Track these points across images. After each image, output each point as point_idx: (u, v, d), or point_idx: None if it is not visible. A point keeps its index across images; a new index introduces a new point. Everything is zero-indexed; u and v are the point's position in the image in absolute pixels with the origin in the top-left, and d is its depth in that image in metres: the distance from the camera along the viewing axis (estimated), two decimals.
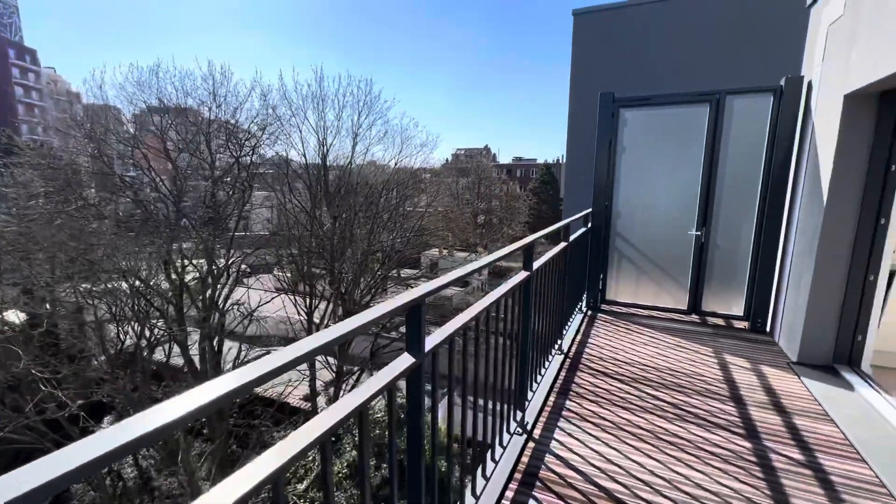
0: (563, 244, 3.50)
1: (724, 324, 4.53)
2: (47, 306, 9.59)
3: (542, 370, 3.21)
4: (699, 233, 4.44)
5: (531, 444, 2.53)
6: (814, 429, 2.71)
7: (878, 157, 3.13)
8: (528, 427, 2.64)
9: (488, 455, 2.24)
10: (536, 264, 2.68)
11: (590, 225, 4.74)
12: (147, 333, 10.01)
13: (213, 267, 11.10)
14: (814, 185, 3.57)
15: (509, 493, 2.14)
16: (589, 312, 4.89)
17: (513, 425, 2.56)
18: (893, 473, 2.28)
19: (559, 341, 3.76)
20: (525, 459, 2.40)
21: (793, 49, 4.15)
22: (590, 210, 4.80)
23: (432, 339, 1.46)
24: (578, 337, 4.19)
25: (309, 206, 14.08)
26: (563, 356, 3.70)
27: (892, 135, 3.07)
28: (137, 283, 9.73)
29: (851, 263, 3.32)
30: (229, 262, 11.65)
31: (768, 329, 4.28)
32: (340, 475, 7.87)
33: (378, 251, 14.32)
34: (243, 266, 12.97)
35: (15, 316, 9.38)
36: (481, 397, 2.09)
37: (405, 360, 1.31)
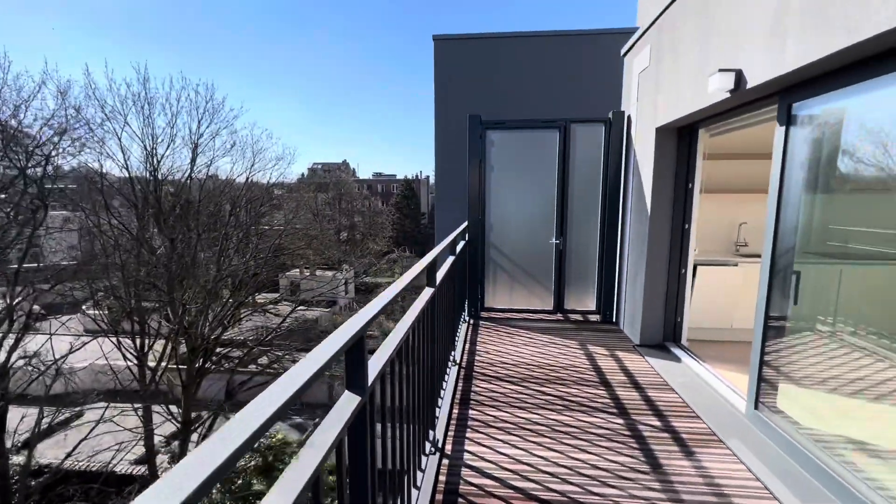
0: (451, 258, 3.61)
1: (582, 319, 5.24)
2: None
3: (444, 384, 3.23)
4: (558, 241, 5.08)
5: (446, 461, 2.51)
6: (662, 398, 3.30)
7: (681, 176, 4.04)
8: (440, 444, 2.61)
9: (410, 482, 2.13)
10: (438, 278, 2.69)
11: (467, 237, 4.99)
12: None
13: None
14: (639, 199, 4.42)
15: None
16: (471, 321, 5.13)
17: (427, 446, 2.50)
18: (718, 422, 2.91)
19: (453, 352, 3.84)
20: (443, 478, 2.36)
21: (620, 86, 5.09)
22: (466, 224, 5.06)
23: (370, 373, 1.32)
24: (467, 346, 4.35)
25: (134, 228, 11.72)
26: (457, 366, 3.78)
27: (688, 160, 4.00)
28: None
29: (669, 261, 4.19)
30: (13, 304, 8.95)
31: (615, 319, 5.11)
32: None
33: (229, 276, 12.67)
34: (35, 307, 10.07)
35: None
36: (401, 422, 1.98)
37: (350, 401, 1.16)
